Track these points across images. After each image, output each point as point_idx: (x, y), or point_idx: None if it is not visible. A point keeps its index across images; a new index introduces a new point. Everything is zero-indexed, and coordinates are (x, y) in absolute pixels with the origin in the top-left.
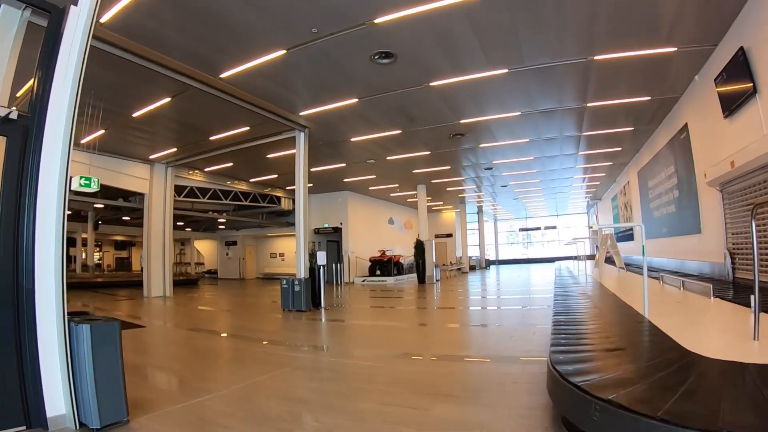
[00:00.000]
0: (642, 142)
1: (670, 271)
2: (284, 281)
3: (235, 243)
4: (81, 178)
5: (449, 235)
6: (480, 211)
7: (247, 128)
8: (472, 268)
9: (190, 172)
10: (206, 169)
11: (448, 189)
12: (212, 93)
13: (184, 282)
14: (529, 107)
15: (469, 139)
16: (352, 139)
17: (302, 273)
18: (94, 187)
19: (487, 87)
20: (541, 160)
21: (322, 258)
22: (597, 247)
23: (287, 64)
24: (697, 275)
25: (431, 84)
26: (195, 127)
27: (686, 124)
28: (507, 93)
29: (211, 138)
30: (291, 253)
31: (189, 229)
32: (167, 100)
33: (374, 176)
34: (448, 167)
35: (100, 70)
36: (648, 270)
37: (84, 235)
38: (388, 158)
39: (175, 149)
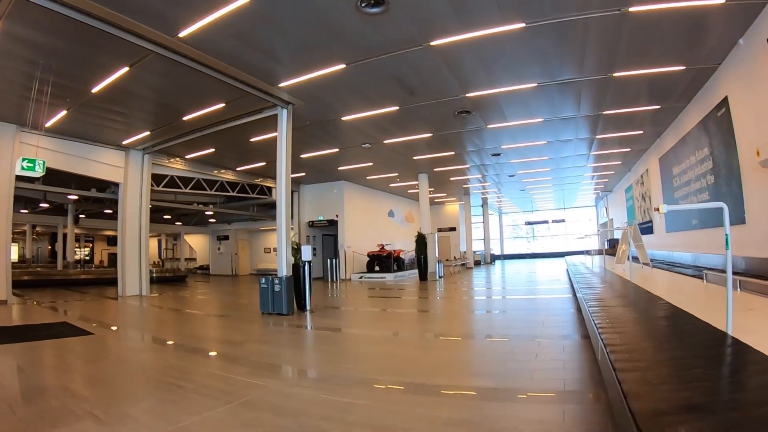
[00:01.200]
0: (666, 125)
1: (707, 268)
2: (263, 279)
3: (227, 237)
4: (24, 160)
5: (453, 229)
6: (485, 203)
7: (223, 105)
8: (477, 263)
9: (171, 160)
10: (187, 157)
11: (451, 179)
12: (174, 59)
13: (171, 279)
14: (546, 77)
15: (476, 118)
16: (344, 119)
17: (284, 270)
18: (39, 171)
19: (498, 49)
20: (555, 146)
21: (307, 253)
22: (605, 240)
23: (256, 15)
24: (742, 272)
25: (432, 44)
26: (164, 105)
27: (725, 98)
28: (522, 57)
29: (185, 118)
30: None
31: (179, 223)
32: (125, 70)
33: (371, 164)
34: (452, 153)
35: (44, 36)
36: (679, 266)
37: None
38: (386, 142)
39: (148, 132)
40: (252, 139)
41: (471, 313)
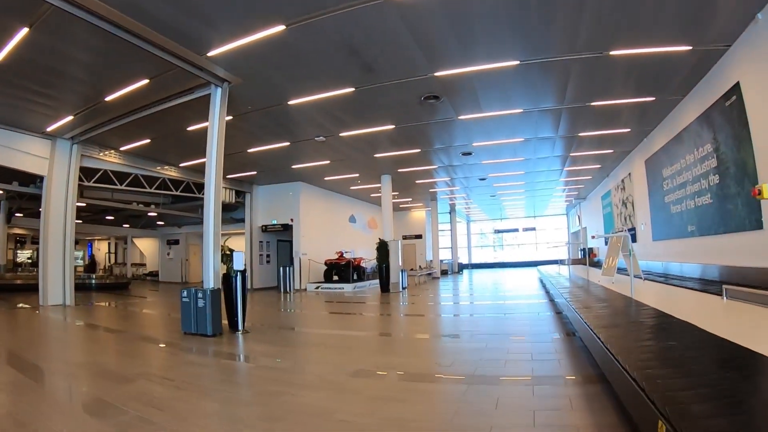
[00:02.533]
0: (655, 122)
1: (710, 281)
2: (184, 292)
3: (177, 242)
4: None
5: (419, 237)
6: (453, 210)
7: (146, 81)
8: (444, 272)
9: (104, 153)
10: (122, 149)
11: (417, 182)
12: (76, 14)
13: (112, 286)
14: (530, 52)
15: (446, 107)
16: (291, 103)
17: (210, 281)
18: None
19: (474, 9)
20: (532, 144)
21: (239, 261)
22: (578, 250)
23: None
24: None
25: None
26: (78, 79)
27: (737, 84)
28: (503, 24)
29: (108, 99)
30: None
31: (127, 225)
32: (24, 31)
33: (327, 162)
34: (417, 150)
35: None
36: (675, 278)
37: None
38: (342, 135)
39: (71, 117)
40: (189, 128)
41: (439, 338)
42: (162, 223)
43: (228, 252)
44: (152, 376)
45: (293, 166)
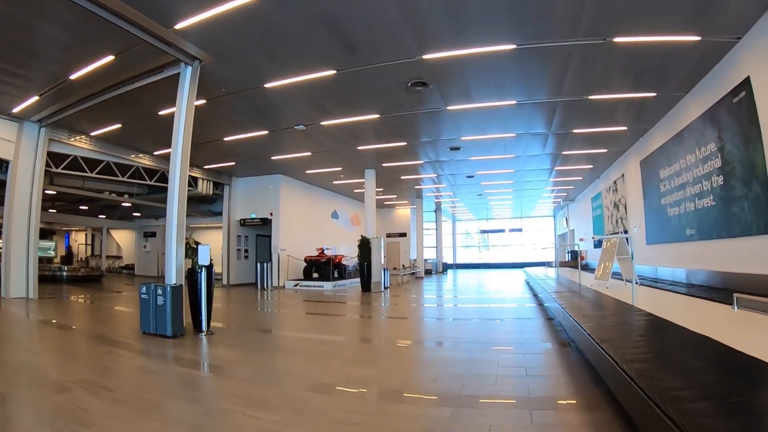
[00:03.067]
0: (653, 120)
1: (715, 288)
2: (143, 288)
3: (154, 234)
4: None
5: (403, 235)
6: (438, 208)
7: (112, 57)
8: (428, 272)
9: (74, 138)
10: (93, 134)
11: (402, 177)
12: None
13: (84, 279)
14: (527, 36)
15: (434, 95)
16: (268, 85)
17: (172, 277)
18: None
19: None
20: (524, 141)
21: (205, 255)
22: (566, 252)
23: None
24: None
25: None
26: (41, 55)
27: (747, 79)
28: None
29: (73, 77)
30: (217, 248)
31: (103, 216)
32: None
33: (309, 153)
34: (403, 144)
35: None
36: (672, 284)
37: None
38: (323, 123)
39: (36, 97)
40: (161, 113)
41: (421, 346)
42: (138, 214)
43: (193, 245)
44: (92, 384)
45: (273, 158)
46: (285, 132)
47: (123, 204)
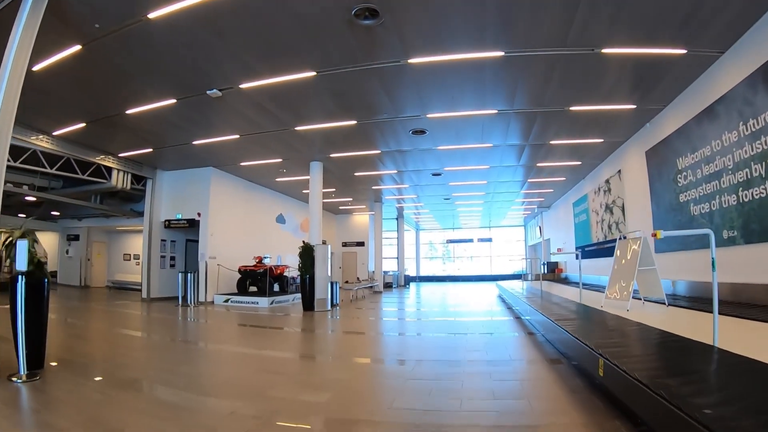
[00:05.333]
0: (669, 96)
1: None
2: None
3: (77, 238)
4: None
5: (361, 244)
6: (400, 215)
7: None
8: (388, 285)
9: None
10: None
11: (356, 174)
12: None
13: None
14: None
15: (389, 37)
16: (153, 16)
17: None
18: None
19: None
20: (504, 123)
21: (22, 256)
22: (540, 264)
23: None
24: None
25: None
26: None
27: None
28: None
29: None
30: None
31: (23, 215)
32: None
33: (236, 136)
34: (353, 123)
35: None
36: (708, 303)
37: None
38: (244, 86)
39: None
40: (35, 68)
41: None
42: (57, 213)
43: (11, 242)
44: None
45: (195, 142)
46: (197, 102)
47: (27, 198)
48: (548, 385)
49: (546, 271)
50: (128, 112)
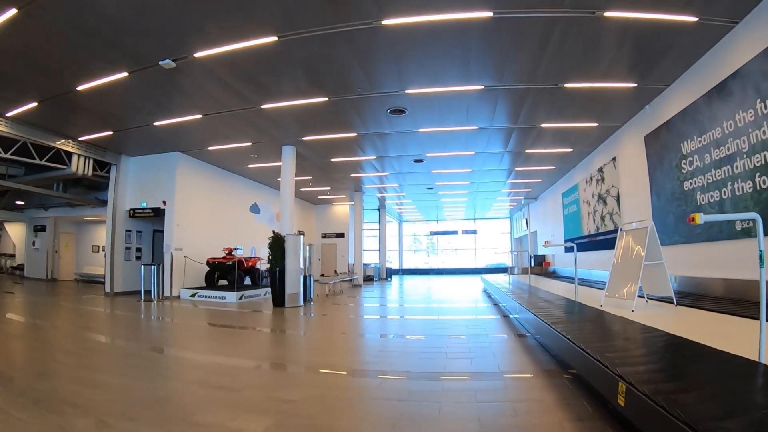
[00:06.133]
0: (669, 75)
1: None
2: None
3: (44, 229)
4: None
5: (341, 236)
6: (382, 206)
7: None
8: (369, 278)
9: None
10: None
11: (333, 161)
12: None
13: None
14: None
15: None
16: None
17: None
18: None
19: None
20: (491, 100)
21: None
22: (528, 257)
23: None
24: None
25: None
26: None
27: None
28: None
29: None
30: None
31: None
32: None
33: (199, 115)
34: (324, 99)
35: None
36: (720, 302)
37: None
38: (199, 55)
39: None
40: None
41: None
42: (22, 203)
43: None
44: None
45: (156, 123)
46: (152, 76)
47: None
48: (548, 409)
49: (533, 265)
50: (80, 88)
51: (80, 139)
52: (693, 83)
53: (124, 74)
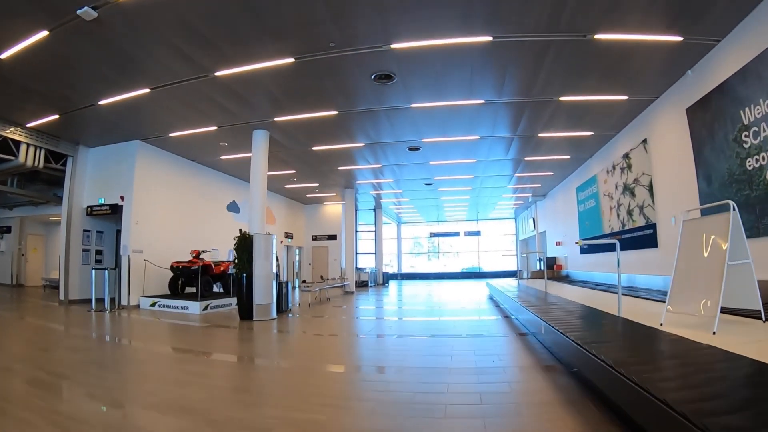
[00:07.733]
0: (734, 17)
1: None
2: None
3: (8, 230)
4: None
5: (333, 238)
6: (378, 206)
7: None
8: (364, 284)
9: None
10: None
11: (314, 149)
12: None
13: None
14: None
15: None
16: None
17: None
18: None
19: None
20: (503, 53)
21: None
22: (537, 260)
23: None
24: None
25: None
26: None
27: None
28: None
29: None
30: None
31: None
32: None
33: (146, 90)
34: (291, 60)
35: None
36: None
37: None
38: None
39: None
40: None
41: None
42: None
43: None
44: None
45: (101, 102)
46: (76, 33)
47: None
48: None
49: (544, 268)
50: (2, 56)
51: (28, 125)
52: (756, 32)
53: (44, 33)
